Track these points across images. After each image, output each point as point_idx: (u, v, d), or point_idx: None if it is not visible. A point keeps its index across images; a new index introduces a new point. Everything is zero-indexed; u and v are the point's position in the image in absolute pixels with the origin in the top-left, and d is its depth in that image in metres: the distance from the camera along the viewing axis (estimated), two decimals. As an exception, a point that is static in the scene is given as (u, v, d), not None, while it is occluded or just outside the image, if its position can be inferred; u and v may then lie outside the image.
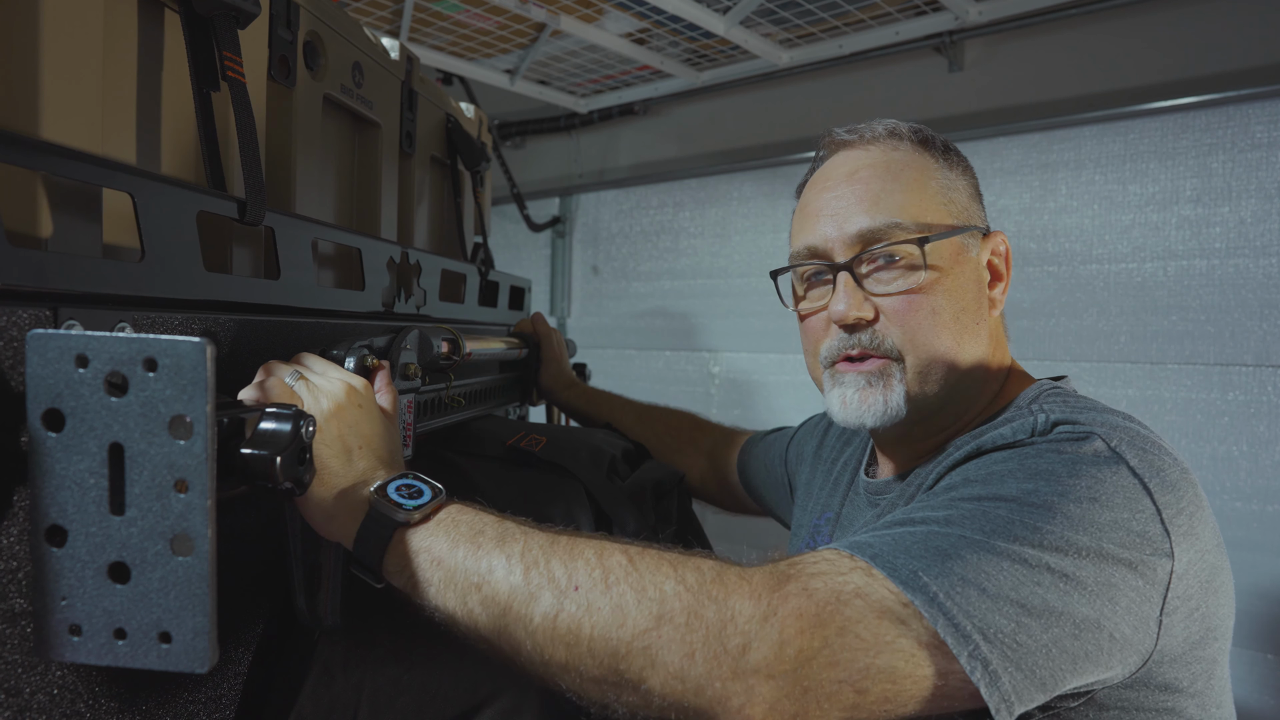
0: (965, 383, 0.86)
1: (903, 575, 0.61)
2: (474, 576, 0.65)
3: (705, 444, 1.39)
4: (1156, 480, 0.68)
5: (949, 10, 1.86)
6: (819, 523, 1.05)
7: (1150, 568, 0.65)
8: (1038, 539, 0.63)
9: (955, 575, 0.61)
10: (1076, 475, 0.67)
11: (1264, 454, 1.73)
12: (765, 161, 2.45)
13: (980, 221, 0.89)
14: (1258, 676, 1.72)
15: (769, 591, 0.60)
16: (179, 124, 0.80)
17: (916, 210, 0.85)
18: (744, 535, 2.49)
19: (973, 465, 0.74)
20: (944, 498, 0.70)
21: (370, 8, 1.89)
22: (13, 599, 0.58)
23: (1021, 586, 0.61)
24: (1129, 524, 0.65)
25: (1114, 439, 0.71)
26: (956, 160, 0.90)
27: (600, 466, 1.07)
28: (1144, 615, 0.65)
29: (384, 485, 0.69)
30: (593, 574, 0.62)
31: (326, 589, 0.77)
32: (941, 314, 0.83)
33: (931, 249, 0.83)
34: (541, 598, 0.62)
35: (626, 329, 2.79)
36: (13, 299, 0.56)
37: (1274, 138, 1.72)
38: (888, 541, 0.65)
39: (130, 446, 0.53)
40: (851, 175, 0.88)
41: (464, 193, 1.48)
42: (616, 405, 1.44)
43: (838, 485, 1.05)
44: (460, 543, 0.66)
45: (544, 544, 0.65)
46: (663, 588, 0.61)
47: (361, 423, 0.72)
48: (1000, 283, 0.89)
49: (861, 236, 0.85)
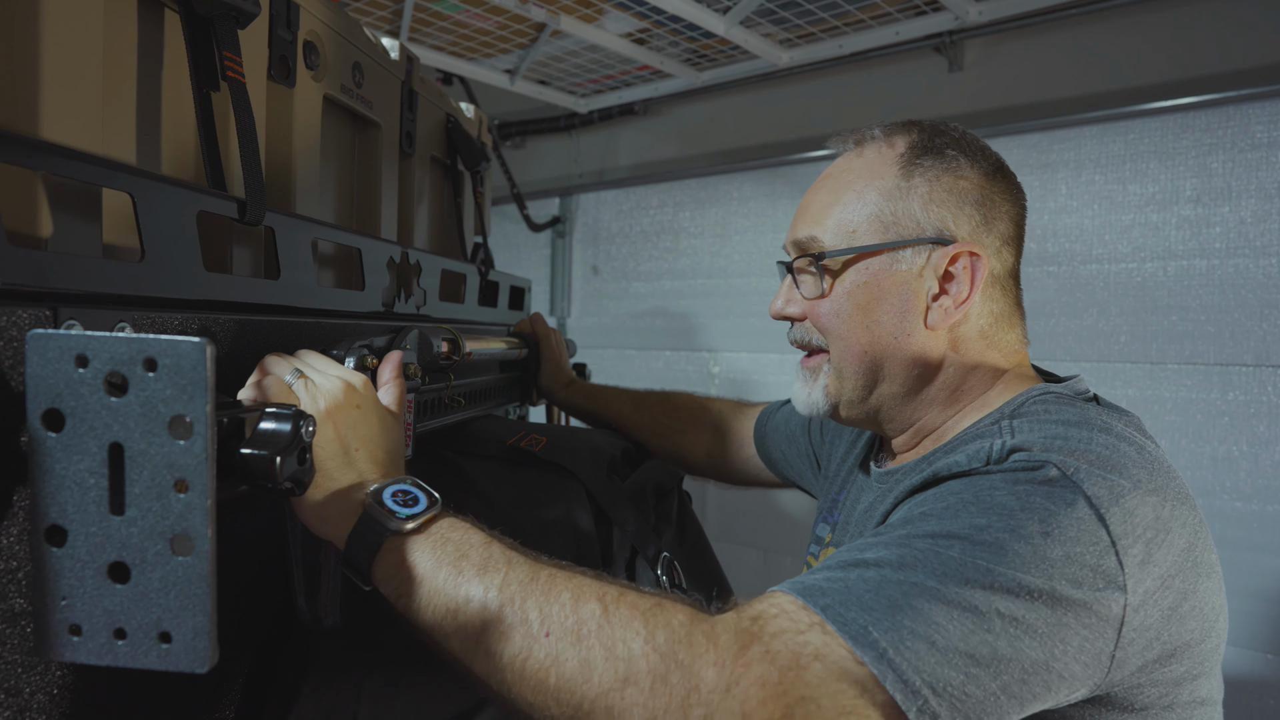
0: (890, 387, 0.89)
1: (853, 630, 0.61)
2: (451, 602, 0.65)
3: (709, 420, 1.39)
4: (1114, 509, 0.67)
5: (949, 10, 1.86)
6: (838, 498, 1.06)
7: (1104, 604, 0.65)
8: (989, 581, 0.63)
9: (905, 629, 0.61)
10: (1029, 509, 0.66)
11: (1264, 454, 1.73)
12: (765, 161, 2.45)
13: (937, 231, 0.86)
14: (1258, 676, 1.72)
15: (733, 658, 0.60)
16: (179, 124, 0.80)
17: (842, 222, 0.89)
18: (744, 535, 2.50)
19: (929, 495, 0.73)
20: (900, 533, 0.69)
21: (370, 8, 1.89)
22: (13, 599, 0.58)
23: (971, 636, 0.61)
24: (1082, 558, 0.65)
25: (1071, 465, 0.69)
26: (933, 164, 0.87)
27: (600, 466, 1.07)
28: (1095, 652, 0.65)
29: (380, 490, 0.69)
30: (565, 622, 0.63)
31: (326, 589, 0.77)
32: (845, 321, 0.89)
33: (833, 263, 0.89)
34: (513, 638, 0.63)
35: (626, 329, 2.79)
36: (13, 299, 0.56)
37: (1274, 138, 1.72)
38: (839, 589, 0.64)
39: (130, 446, 0.53)
40: (815, 185, 0.95)
41: (464, 193, 1.48)
42: (614, 397, 1.44)
43: (856, 462, 1.07)
44: (444, 563, 0.67)
45: (523, 579, 0.66)
46: (631, 646, 0.61)
47: (359, 423, 0.72)
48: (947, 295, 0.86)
49: (795, 244, 0.93)
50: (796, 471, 1.26)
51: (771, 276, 2.45)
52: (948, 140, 0.89)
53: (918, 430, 0.92)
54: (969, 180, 0.87)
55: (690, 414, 1.40)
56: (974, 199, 0.87)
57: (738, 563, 2.45)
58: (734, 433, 1.36)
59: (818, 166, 2.32)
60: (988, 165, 0.89)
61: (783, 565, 2.42)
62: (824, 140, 1.00)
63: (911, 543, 0.67)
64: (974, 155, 0.89)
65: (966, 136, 0.91)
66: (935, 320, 0.86)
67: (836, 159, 0.95)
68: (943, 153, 0.87)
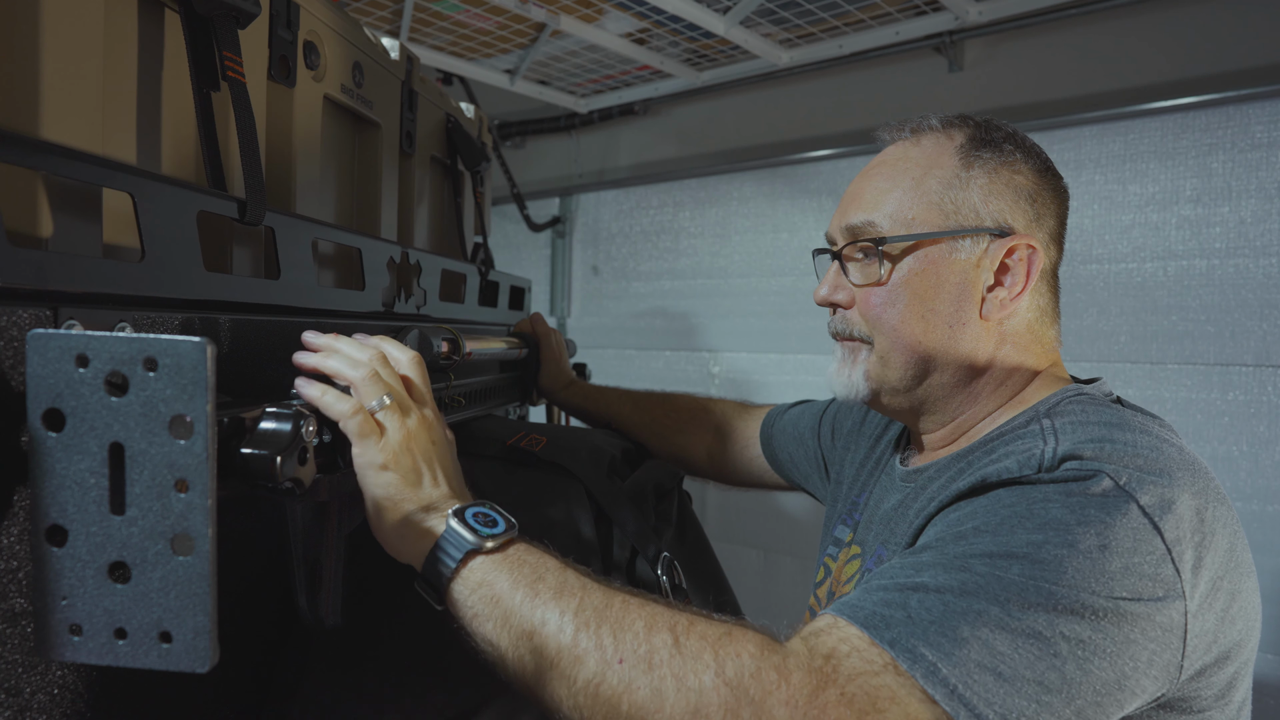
0: (939, 378, 0.88)
1: (924, 668, 0.61)
2: (527, 624, 0.66)
3: (711, 421, 1.38)
4: (1168, 517, 0.67)
5: (949, 10, 1.86)
6: (859, 500, 1.05)
7: (1166, 614, 0.65)
8: (1052, 603, 0.63)
9: (973, 662, 0.61)
10: (1085, 523, 0.66)
11: (1264, 454, 1.73)
12: (765, 161, 2.45)
13: (996, 223, 0.86)
14: (1259, 677, 1.72)
15: (806, 700, 0.60)
16: (179, 124, 0.80)
17: (901, 208, 0.88)
18: (744, 534, 2.50)
19: (980, 505, 0.73)
20: (955, 550, 0.69)
21: (370, 8, 1.89)
22: (13, 599, 0.58)
23: (1038, 663, 0.61)
24: (1140, 568, 0.65)
25: (1123, 475, 0.69)
26: (991, 157, 0.88)
27: (600, 466, 1.07)
28: (1164, 663, 0.65)
29: (462, 510, 0.71)
30: (638, 650, 0.64)
31: (327, 589, 0.77)
32: (901, 309, 0.88)
33: (894, 248, 0.87)
34: (587, 662, 0.64)
35: (626, 329, 2.79)
36: (13, 299, 0.56)
37: (1274, 138, 1.72)
38: (902, 619, 0.64)
39: (130, 446, 0.53)
40: (867, 171, 0.94)
41: (464, 193, 1.48)
42: (614, 397, 1.44)
43: (879, 464, 1.05)
44: (520, 585, 0.68)
45: (598, 606, 0.67)
46: (702, 678, 0.62)
47: (435, 457, 0.75)
48: (1003, 288, 0.87)
49: (849, 230, 0.91)
50: (803, 474, 1.26)
51: (772, 276, 2.45)
52: (1003, 135, 0.90)
53: (958, 425, 0.91)
54: (1024, 175, 0.88)
55: (691, 414, 1.39)
56: (1028, 194, 0.88)
57: (738, 563, 2.45)
58: (737, 433, 1.35)
59: (818, 166, 2.33)
60: (1039, 162, 0.90)
61: (783, 565, 2.42)
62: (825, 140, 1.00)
63: (970, 565, 0.66)
64: (1027, 151, 0.90)
65: (1018, 133, 0.91)
66: (990, 311, 0.87)
67: (888, 148, 0.94)
68: (1000, 146, 0.88)
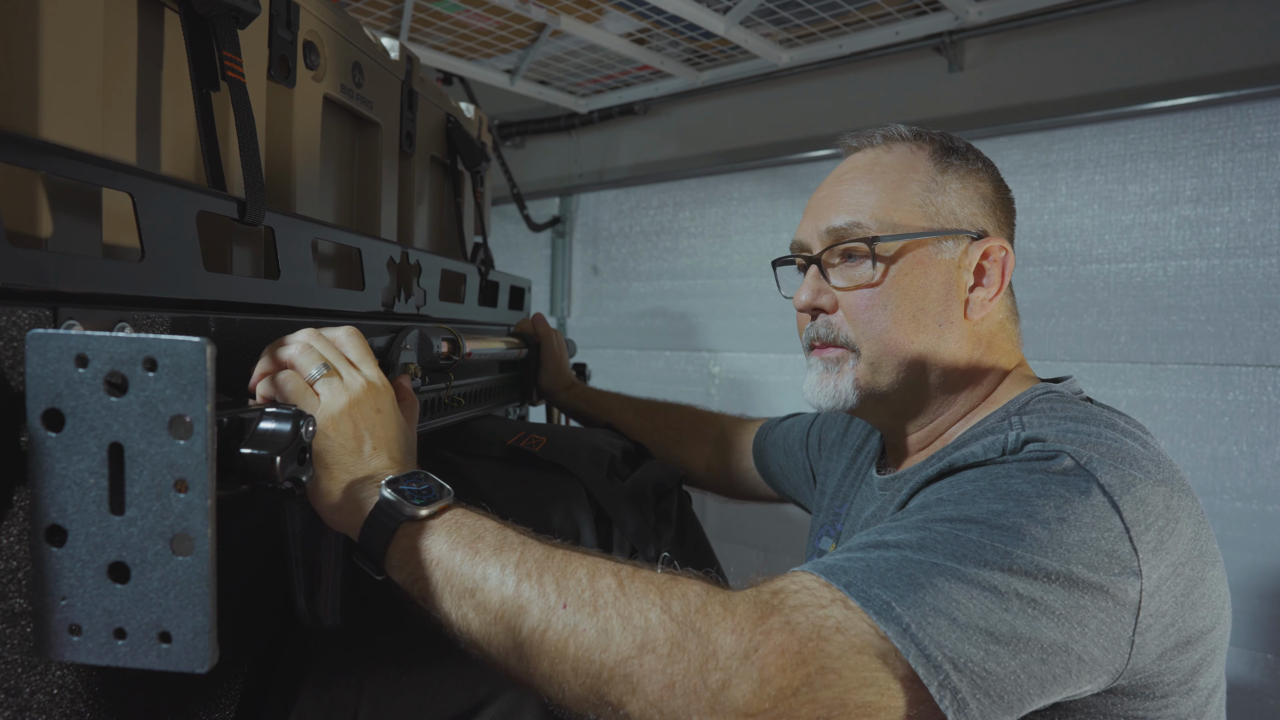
0: (927, 379, 0.89)
1: (877, 606, 0.62)
2: (468, 582, 0.66)
3: (710, 434, 1.39)
4: (1127, 497, 0.68)
5: (949, 10, 1.86)
6: (840, 510, 1.06)
7: (1120, 589, 0.66)
8: (1007, 563, 0.64)
9: (927, 605, 0.62)
10: (1045, 495, 0.67)
11: (1264, 454, 1.73)
12: (765, 161, 2.45)
13: (972, 226, 0.89)
14: (1258, 676, 1.72)
15: (752, 626, 0.61)
16: (179, 124, 0.80)
17: (884, 211, 0.89)
18: (744, 534, 2.50)
19: (945, 484, 0.74)
20: (917, 518, 0.70)
21: (370, 8, 1.89)
22: (13, 599, 0.58)
23: (990, 614, 0.62)
24: (1097, 543, 0.66)
25: (1084, 455, 0.71)
26: (960, 165, 0.91)
27: (600, 466, 1.07)
28: (1114, 636, 0.66)
29: (395, 480, 0.71)
30: (582, 594, 0.64)
31: (326, 589, 0.77)
32: (892, 310, 0.88)
33: (886, 248, 0.88)
34: (531, 610, 0.64)
35: (626, 329, 2.79)
36: (13, 299, 0.56)
37: (1274, 138, 1.72)
38: (861, 568, 0.65)
39: (130, 446, 0.53)
40: (839, 177, 0.94)
41: (464, 193, 1.48)
42: (615, 404, 1.44)
43: (859, 474, 1.06)
44: (460, 546, 0.68)
45: (539, 557, 0.67)
46: (648, 615, 0.62)
47: (378, 425, 0.74)
48: (982, 288, 0.89)
49: (830, 233, 0.91)
50: (793, 486, 1.27)
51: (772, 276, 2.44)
52: (965, 145, 0.94)
53: (934, 429, 0.92)
54: (987, 184, 0.93)
55: (692, 426, 1.40)
56: (991, 200, 0.92)
57: (738, 563, 2.45)
58: (734, 446, 1.36)
59: (818, 166, 2.33)
60: (995, 173, 0.95)
61: (783, 565, 2.40)
62: (825, 140, 1.01)
63: (930, 526, 0.68)
64: (985, 162, 0.94)
65: (973, 147, 0.95)
66: (972, 311, 0.89)
67: (856, 154, 0.95)
68: (965, 155, 0.92)
